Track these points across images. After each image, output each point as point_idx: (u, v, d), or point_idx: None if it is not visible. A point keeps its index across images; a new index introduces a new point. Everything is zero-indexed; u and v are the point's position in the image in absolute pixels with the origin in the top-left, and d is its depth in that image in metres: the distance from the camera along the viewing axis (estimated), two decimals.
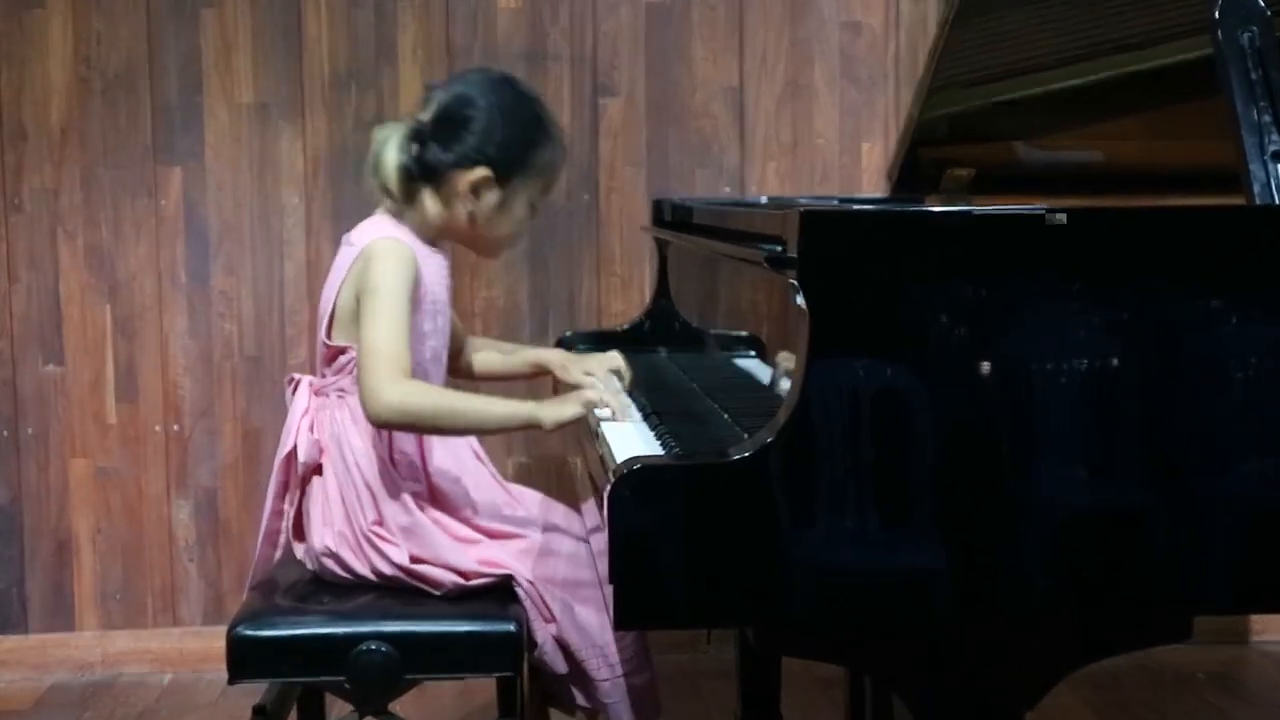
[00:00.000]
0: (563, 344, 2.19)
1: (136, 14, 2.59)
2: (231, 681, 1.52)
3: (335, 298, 1.62)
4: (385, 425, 1.58)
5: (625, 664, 1.61)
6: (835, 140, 2.69)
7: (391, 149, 1.63)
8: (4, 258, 2.61)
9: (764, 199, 2.49)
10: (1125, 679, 2.54)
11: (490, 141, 1.62)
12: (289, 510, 1.67)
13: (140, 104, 2.60)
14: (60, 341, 2.63)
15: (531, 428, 1.61)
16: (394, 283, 1.58)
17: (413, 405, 1.55)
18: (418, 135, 1.63)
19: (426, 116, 1.65)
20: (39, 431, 2.63)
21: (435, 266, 1.67)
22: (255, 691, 1.60)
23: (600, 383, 1.72)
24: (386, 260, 1.59)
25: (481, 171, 1.62)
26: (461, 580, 1.57)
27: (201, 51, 2.60)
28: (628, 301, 2.65)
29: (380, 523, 1.59)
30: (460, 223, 1.66)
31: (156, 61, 2.60)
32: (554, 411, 1.60)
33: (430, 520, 1.59)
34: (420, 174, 1.63)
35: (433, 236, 1.68)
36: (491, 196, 1.64)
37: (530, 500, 1.71)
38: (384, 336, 1.55)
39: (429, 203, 1.65)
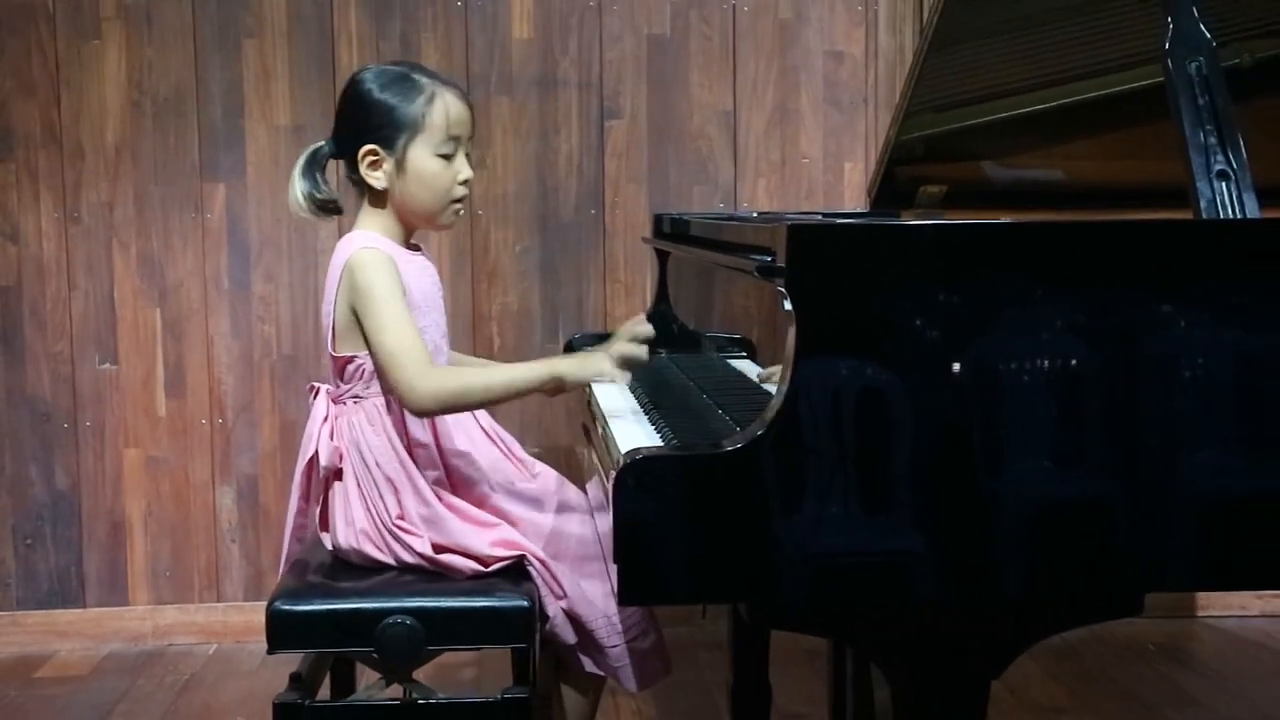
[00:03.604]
0: (571, 346, 2.19)
1: (184, 44, 2.59)
2: (271, 652, 1.51)
3: (332, 312, 1.59)
4: (429, 415, 1.56)
5: (630, 630, 1.61)
6: (820, 159, 2.69)
7: (295, 177, 1.62)
8: (64, 266, 2.62)
9: (755, 213, 2.49)
10: (1083, 650, 2.54)
11: (365, 117, 1.59)
12: (314, 509, 1.64)
13: (187, 126, 2.60)
14: (115, 342, 2.63)
15: (549, 385, 1.56)
16: (383, 287, 1.55)
17: (449, 391, 1.53)
18: (318, 155, 1.62)
19: (331, 133, 1.64)
20: (95, 424, 2.63)
21: (417, 267, 1.63)
22: (292, 661, 1.60)
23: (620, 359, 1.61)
24: (368, 268, 1.55)
25: (368, 146, 1.58)
26: (480, 568, 1.56)
27: (243, 78, 2.60)
28: (631, 306, 2.65)
29: (402, 516, 1.56)
30: (403, 207, 1.61)
31: (202, 87, 2.60)
32: (575, 370, 1.55)
33: (448, 508, 1.57)
34: (355, 185, 1.62)
35: (403, 237, 1.64)
36: (388, 164, 1.59)
37: (546, 475, 1.67)
38: (395, 336, 1.53)
39: (371, 206, 1.62)
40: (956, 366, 1.15)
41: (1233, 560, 1.18)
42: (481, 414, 1.67)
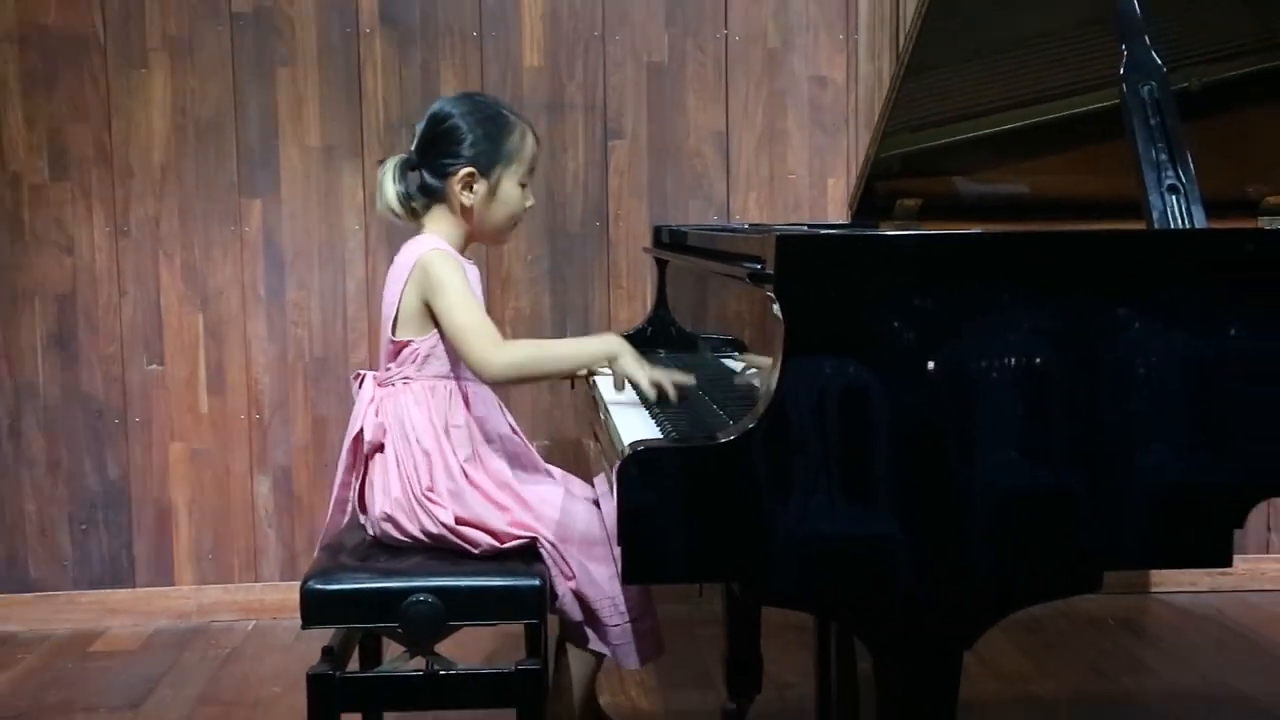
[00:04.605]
0: None
1: (224, 72, 2.59)
2: (305, 627, 1.52)
3: (399, 300, 1.63)
4: (504, 381, 1.61)
5: (632, 610, 1.62)
6: (805, 176, 2.69)
7: (388, 181, 1.67)
8: (115, 275, 2.62)
9: (746, 225, 2.49)
10: (1046, 623, 2.54)
11: (465, 144, 1.65)
12: (355, 482, 1.67)
13: (227, 147, 2.61)
14: (161, 345, 2.63)
15: (607, 360, 1.63)
16: (455, 279, 1.61)
17: (519, 359, 1.60)
18: (409, 165, 1.68)
19: (414, 147, 1.69)
20: (144, 420, 2.64)
21: (473, 273, 1.69)
22: (324, 635, 1.61)
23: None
24: (443, 265, 1.62)
25: (466, 169, 1.65)
26: (496, 543, 1.58)
27: (277, 103, 2.61)
28: (632, 311, 2.65)
29: (432, 488, 1.59)
30: (472, 223, 1.68)
31: (240, 111, 2.60)
32: (631, 364, 1.60)
33: (472, 486, 1.60)
34: (425, 195, 1.68)
35: (461, 246, 1.70)
36: (480, 187, 1.66)
37: (555, 471, 1.72)
38: (467, 316, 1.59)
39: (444, 215, 1.68)
40: (931, 366, 1.15)
41: (1182, 541, 1.19)
42: (508, 414, 1.70)
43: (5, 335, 2.60)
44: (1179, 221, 1.31)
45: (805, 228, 2.02)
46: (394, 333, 1.64)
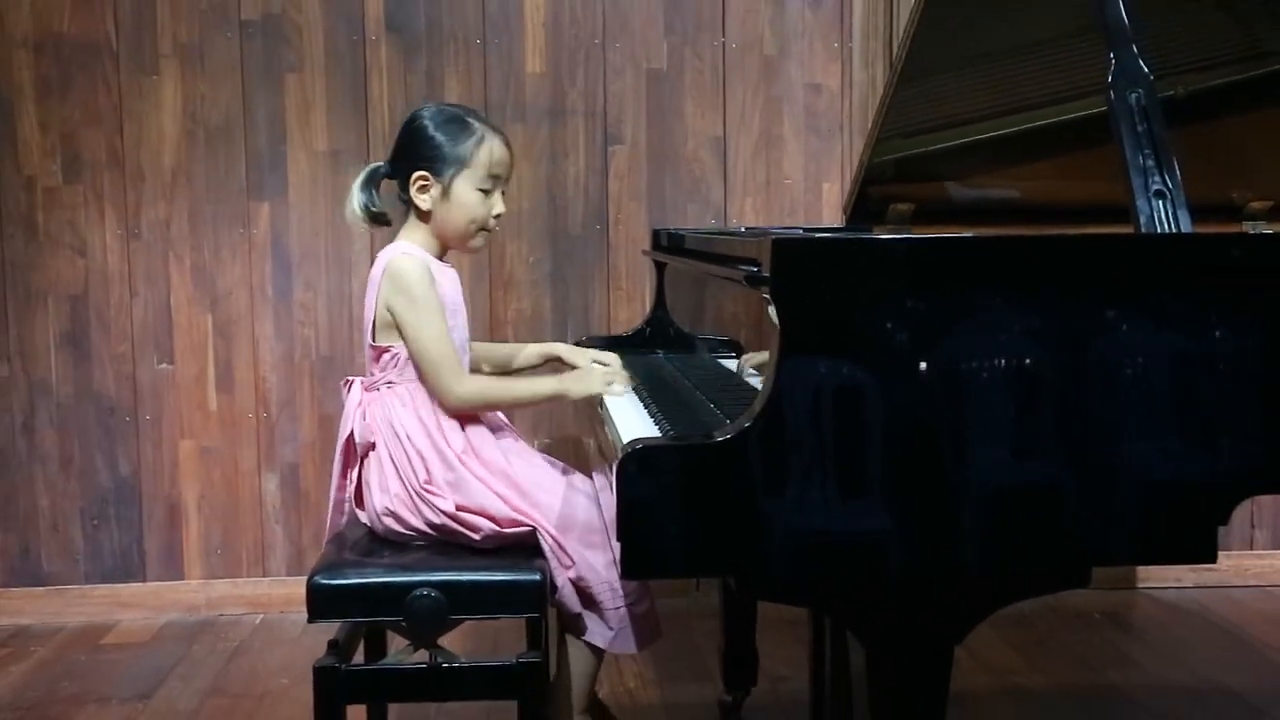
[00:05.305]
0: (579, 346, 2.18)
1: (233, 78, 2.59)
2: (311, 621, 1.52)
3: (374, 308, 1.64)
4: (461, 413, 1.63)
5: (629, 595, 1.62)
6: (800, 180, 2.69)
7: (355, 190, 1.69)
8: (126, 276, 2.62)
9: (743, 228, 2.49)
10: (1035, 618, 2.54)
11: (421, 147, 1.66)
12: (350, 485, 1.67)
13: (236, 151, 2.60)
14: (171, 344, 2.63)
15: (559, 398, 1.67)
16: (421, 290, 1.60)
17: (476, 395, 1.63)
18: (378, 173, 1.69)
19: (389, 156, 1.70)
20: (154, 417, 2.63)
21: (449, 277, 1.68)
22: (330, 629, 1.60)
23: (610, 366, 1.74)
24: (408, 273, 1.61)
25: (419, 172, 1.65)
26: (497, 527, 1.58)
27: (285, 108, 2.60)
28: (632, 312, 2.65)
29: (430, 480, 1.59)
30: (435, 227, 1.67)
31: (249, 117, 2.60)
32: (580, 386, 1.65)
33: (471, 474, 1.60)
34: (404, 202, 1.68)
35: (437, 252, 1.69)
36: (435, 190, 1.65)
37: (553, 462, 1.72)
38: (434, 345, 1.60)
39: (415, 222, 1.68)
40: (924, 366, 1.15)
41: (1169, 537, 1.18)
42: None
43: (20, 334, 2.60)
44: (1166, 226, 1.31)
45: (801, 231, 2.02)
46: (373, 338, 1.64)
